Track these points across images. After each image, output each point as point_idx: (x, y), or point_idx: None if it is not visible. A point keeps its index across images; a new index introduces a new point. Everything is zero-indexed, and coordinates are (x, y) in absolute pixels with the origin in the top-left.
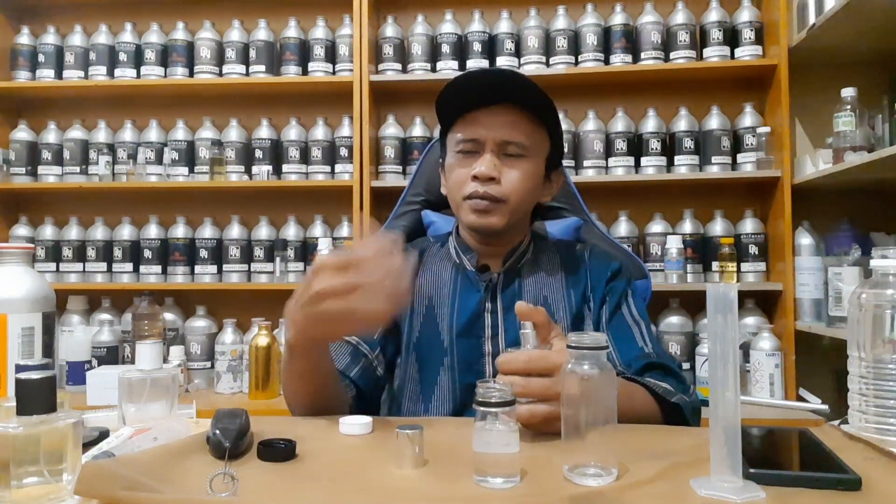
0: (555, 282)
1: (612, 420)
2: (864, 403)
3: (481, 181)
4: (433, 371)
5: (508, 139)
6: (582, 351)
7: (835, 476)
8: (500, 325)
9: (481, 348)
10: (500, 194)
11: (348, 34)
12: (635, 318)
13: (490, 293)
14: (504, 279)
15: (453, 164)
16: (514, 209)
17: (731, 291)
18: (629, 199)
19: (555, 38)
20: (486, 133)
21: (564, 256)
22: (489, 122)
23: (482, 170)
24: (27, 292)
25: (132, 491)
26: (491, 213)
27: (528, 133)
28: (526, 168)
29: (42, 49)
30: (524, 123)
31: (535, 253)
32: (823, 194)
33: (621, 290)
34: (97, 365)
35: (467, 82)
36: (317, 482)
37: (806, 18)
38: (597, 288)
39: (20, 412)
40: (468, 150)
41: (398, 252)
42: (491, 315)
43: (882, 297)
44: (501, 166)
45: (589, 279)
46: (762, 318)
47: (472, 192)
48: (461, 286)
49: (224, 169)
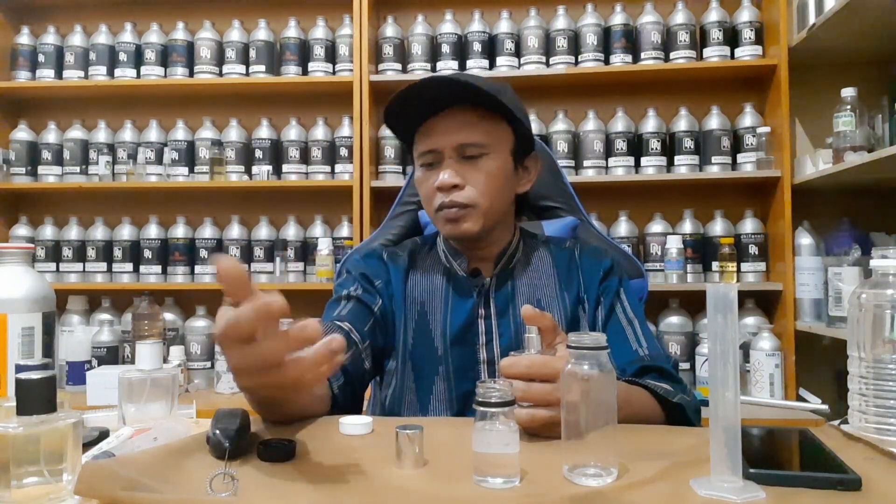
0: (548, 283)
1: (612, 420)
2: (864, 403)
3: (445, 191)
4: (429, 380)
5: (464, 142)
6: (582, 351)
7: (835, 476)
8: (495, 331)
9: (476, 355)
10: (467, 200)
11: (348, 34)
12: (629, 318)
13: (483, 298)
14: (496, 283)
15: (420, 179)
16: (487, 211)
17: (731, 291)
18: (629, 199)
19: (555, 38)
20: (442, 140)
21: (556, 255)
22: (442, 129)
23: (443, 179)
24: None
25: (132, 491)
26: (463, 219)
27: (485, 130)
28: (489, 166)
29: (42, 49)
30: (478, 121)
31: (525, 252)
32: (823, 194)
33: (615, 290)
34: (97, 365)
35: (409, 97)
36: (317, 482)
37: (806, 18)
38: (590, 288)
39: (20, 412)
40: (430, 163)
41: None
42: (485, 321)
43: (882, 297)
44: (464, 170)
45: (582, 279)
46: (762, 318)
47: (441, 204)
48: (453, 292)
49: (224, 169)
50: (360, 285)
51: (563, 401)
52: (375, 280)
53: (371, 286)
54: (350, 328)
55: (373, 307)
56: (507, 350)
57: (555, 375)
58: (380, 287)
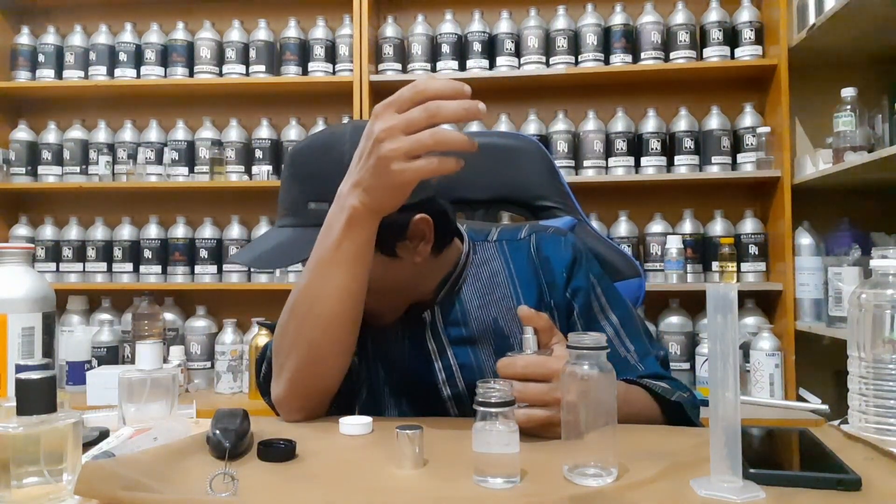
0: (504, 294)
1: (612, 420)
2: (864, 403)
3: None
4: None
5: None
6: (582, 351)
7: (835, 476)
8: (453, 364)
9: (440, 394)
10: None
11: (348, 34)
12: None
13: (431, 331)
14: (441, 311)
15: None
16: (381, 298)
17: (731, 291)
18: (629, 199)
19: (555, 38)
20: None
21: (511, 255)
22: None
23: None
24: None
25: (132, 491)
26: (375, 320)
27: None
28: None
29: (42, 49)
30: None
31: (475, 265)
32: (823, 194)
33: (586, 289)
34: (97, 365)
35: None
36: (317, 482)
37: (806, 18)
38: (554, 289)
39: (20, 412)
40: None
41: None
42: (440, 357)
43: (882, 297)
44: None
45: (543, 279)
46: (762, 318)
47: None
48: (406, 326)
49: (224, 169)
50: None
51: (563, 401)
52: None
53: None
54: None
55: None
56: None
57: (551, 375)
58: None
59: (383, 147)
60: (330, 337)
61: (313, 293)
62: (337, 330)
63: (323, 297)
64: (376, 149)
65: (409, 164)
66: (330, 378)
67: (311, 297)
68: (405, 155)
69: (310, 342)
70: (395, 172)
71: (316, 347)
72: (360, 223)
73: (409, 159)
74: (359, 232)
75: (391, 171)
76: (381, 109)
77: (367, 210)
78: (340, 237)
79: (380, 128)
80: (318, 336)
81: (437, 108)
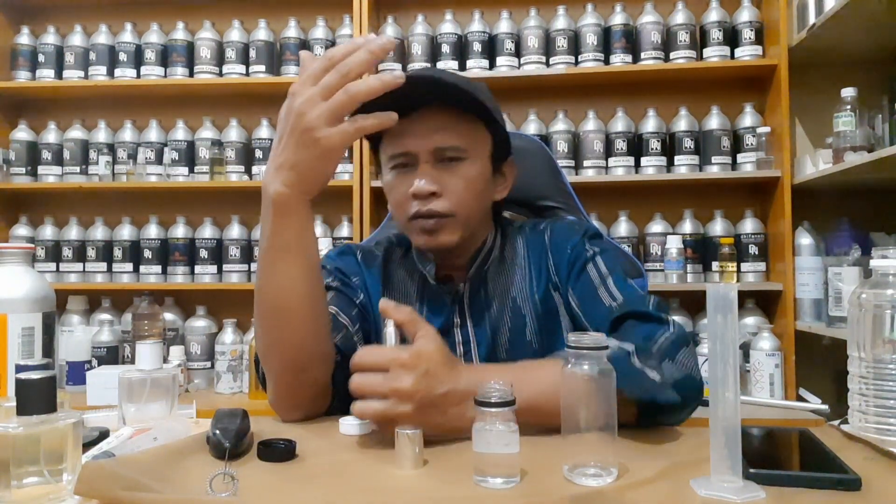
0: (521, 278)
1: (612, 420)
2: (864, 403)
3: (421, 199)
4: None
5: (442, 145)
6: (582, 351)
7: (835, 476)
8: (472, 340)
9: None
10: (445, 209)
11: (348, 34)
12: (602, 274)
13: (458, 306)
14: (470, 288)
15: (390, 184)
16: (466, 221)
17: (731, 291)
18: (629, 199)
19: (555, 38)
20: (417, 143)
21: (530, 241)
22: (418, 130)
23: (420, 186)
24: (27, 292)
25: (132, 491)
26: (440, 231)
27: (464, 133)
28: (468, 172)
29: (42, 49)
30: (457, 123)
31: (501, 249)
32: (823, 194)
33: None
34: (97, 365)
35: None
36: (317, 482)
37: (806, 18)
38: (560, 267)
39: (20, 412)
40: (403, 164)
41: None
42: (461, 330)
43: (882, 297)
44: (441, 176)
45: (551, 262)
46: (762, 318)
47: (416, 212)
48: (427, 301)
49: (224, 169)
50: (338, 278)
51: (563, 401)
52: (353, 276)
53: (349, 280)
54: (337, 311)
55: (354, 299)
56: (486, 359)
57: (385, 365)
58: (357, 283)
59: (306, 118)
60: (295, 330)
61: (265, 291)
62: (298, 321)
63: (274, 293)
64: (299, 122)
65: (334, 129)
66: (311, 370)
67: (264, 294)
68: (328, 120)
69: (279, 339)
70: (322, 139)
71: (286, 343)
72: (289, 208)
73: (332, 124)
74: (290, 218)
75: (317, 140)
76: (297, 86)
77: (294, 191)
78: (273, 228)
79: (299, 101)
80: (284, 332)
81: (345, 65)
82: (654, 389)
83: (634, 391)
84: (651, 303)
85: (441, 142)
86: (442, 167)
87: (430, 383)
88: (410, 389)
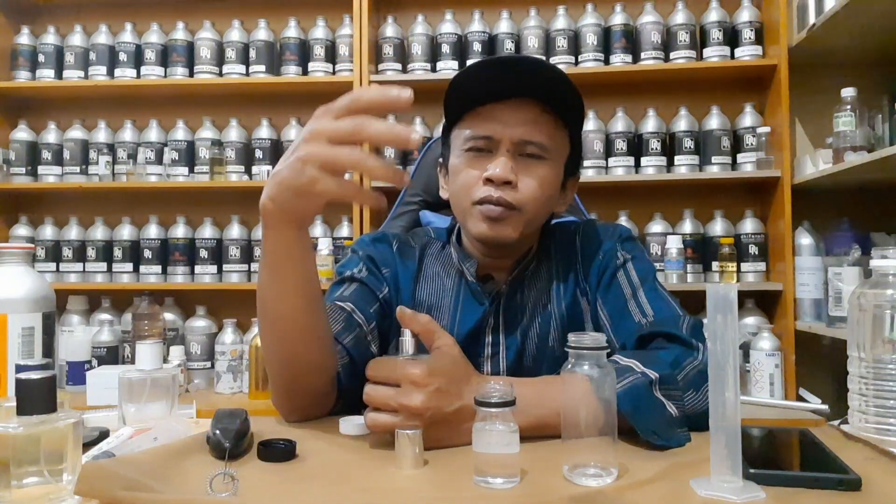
0: (554, 284)
1: (613, 420)
2: (864, 403)
3: (496, 185)
4: None
5: (528, 139)
6: (581, 351)
7: (835, 476)
8: (502, 343)
9: (479, 369)
10: (516, 201)
11: (348, 34)
12: (633, 284)
13: (495, 307)
14: (509, 291)
15: (460, 165)
16: (530, 219)
17: (731, 291)
18: (629, 199)
19: (555, 38)
20: (503, 130)
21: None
22: (506, 118)
23: (498, 172)
24: (27, 292)
25: (132, 491)
26: (504, 221)
27: (550, 133)
28: (545, 173)
29: (42, 49)
30: (546, 122)
31: (538, 256)
32: (823, 194)
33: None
34: (97, 365)
35: (484, 71)
36: (317, 482)
37: (806, 18)
38: (590, 273)
39: (20, 412)
40: (480, 149)
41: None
42: (492, 332)
43: (882, 297)
44: (518, 169)
45: (580, 266)
46: (762, 318)
47: (485, 197)
48: (464, 297)
49: (224, 169)
50: (366, 267)
51: (563, 402)
52: (383, 267)
53: (378, 271)
54: (353, 309)
55: (377, 293)
56: (513, 366)
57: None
58: (387, 275)
59: (305, 148)
60: (289, 340)
61: (259, 297)
62: (291, 332)
63: (269, 301)
64: (300, 148)
65: (322, 177)
66: (306, 378)
67: (259, 301)
68: (321, 164)
69: (274, 346)
70: (307, 178)
71: (281, 351)
72: (272, 224)
73: (323, 171)
74: (274, 235)
75: (304, 175)
76: (321, 112)
77: (276, 208)
78: (264, 238)
79: (309, 129)
80: (278, 340)
81: (362, 125)
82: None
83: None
84: (685, 324)
85: (527, 135)
86: (521, 161)
87: (440, 401)
88: (420, 408)
